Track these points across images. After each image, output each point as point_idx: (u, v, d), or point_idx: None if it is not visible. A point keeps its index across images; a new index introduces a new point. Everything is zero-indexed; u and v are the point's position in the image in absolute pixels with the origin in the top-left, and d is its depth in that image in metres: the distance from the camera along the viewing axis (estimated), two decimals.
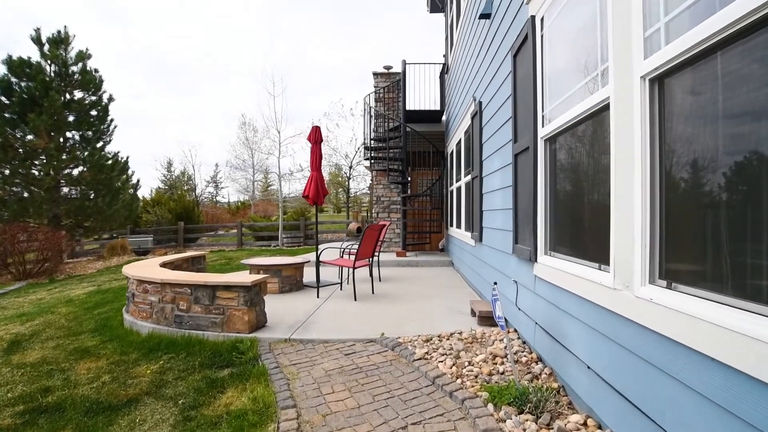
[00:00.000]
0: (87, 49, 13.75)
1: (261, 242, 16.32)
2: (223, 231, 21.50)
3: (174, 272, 4.52)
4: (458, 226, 7.36)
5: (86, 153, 13.45)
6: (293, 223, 16.51)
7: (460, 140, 7.15)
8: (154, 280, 4.22)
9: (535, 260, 2.86)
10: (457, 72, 7.42)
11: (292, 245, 15.20)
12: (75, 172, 13.51)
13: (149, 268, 4.93)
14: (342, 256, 6.31)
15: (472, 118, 5.55)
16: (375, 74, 10.30)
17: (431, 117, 9.91)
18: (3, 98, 12.46)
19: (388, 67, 10.29)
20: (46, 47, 13.09)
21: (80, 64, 13.57)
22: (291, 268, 5.94)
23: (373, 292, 5.73)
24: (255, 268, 5.93)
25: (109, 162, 14.12)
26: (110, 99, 14.40)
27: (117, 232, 16.35)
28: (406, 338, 3.62)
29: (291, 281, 5.95)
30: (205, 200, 34.20)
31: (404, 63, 9.28)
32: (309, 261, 6.36)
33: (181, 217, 18.28)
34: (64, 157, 13.18)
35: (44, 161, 12.64)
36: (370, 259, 5.67)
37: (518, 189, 3.29)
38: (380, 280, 6.74)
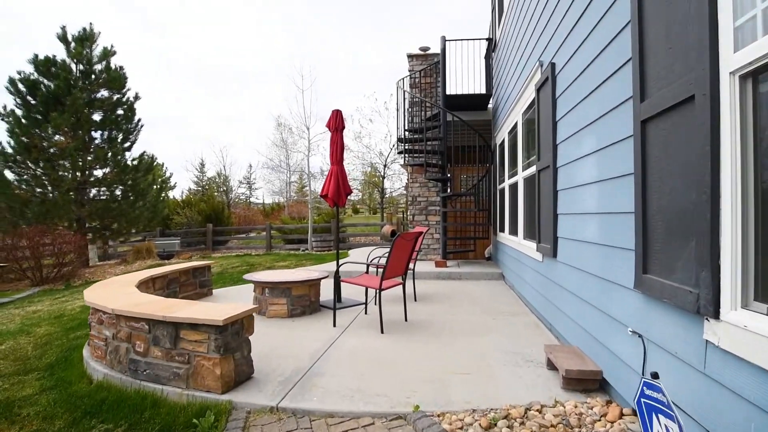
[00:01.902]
0: (112, 46, 13.26)
1: (290, 245, 15.40)
2: (255, 233, 20.85)
3: (137, 297, 3.41)
4: (512, 232, 5.94)
5: (110, 153, 12.93)
6: (324, 226, 15.48)
7: (515, 125, 5.72)
8: (106, 309, 3.12)
9: (714, 315, 1.48)
10: (511, 42, 6.00)
11: (322, 249, 14.15)
12: (99, 172, 13.04)
13: (115, 288, 3.86)
14: (368, 271, 5.06)
15: (538, 90, 4.15)
16: (410, 56, 9.00)
17: (475, 103, 8.49)
18: (29, 97, 12.13)
19: (424, 49, 8.96)
20: (72, 45, 12.68)
21: (104, 62, 13.10)
22: (303, 286, 4.74)
23: (406, 319, 4.43)
24: (259, 286, 4.78)
25: (134, 162, 13.59)
26: (136, 97, 13.88)
27: (146, 234, 15.92)
28: (454, 418, 2.31)
29: (303, 302, 4.76)
30: (239, 201, 34.05)
31: (443, 40, 7.93)
32: (328, 275, 5.15)
33: (210, 219, 17.70)
34: (89, 158, 12.74)
35: (69, 162, 12.19)
36: (403, 276, 4.38)
37: (650, 179, 1.90)
38: (416, 300, 5.43)
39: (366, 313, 4.79)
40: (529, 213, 4.92)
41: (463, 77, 8.39)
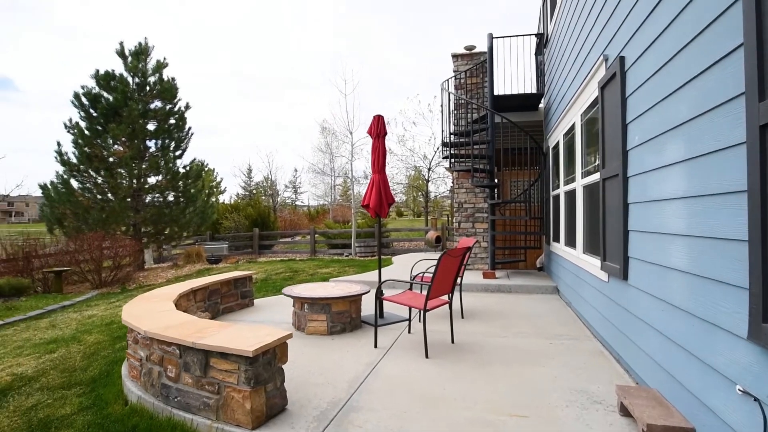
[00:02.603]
0: (164, 58, 13.81)
1: (334, 250, 15.37)
2: (300, 237, 21.11)
3: (171, 316, 3.29)
4: (569, 243, 5.42)
5: (162, 161, 13.44)
6: (367, 231, 15.35)
7: (572, 126, 5.22)
8: (139, 330, 3.02)
9: None
10: (565, 37, 5.50)
11: (365, 255, 14.00)
12: (153, 179, 13.59)
13: (153, 304, 3.79)
14: (411, 287, 4.76)
15: (602, 88, 3.68)
16: (454, 56, 8.60)
17: (525, 103, 7.97)
18: (91, 110, 12.84)
19: (470, 48, 8.54)
20: (129, 59, 13.31)
21: (158, 74, 13.65)
22: (344, 302, 4.51)
23: (452, 341, 4.09)
24: (298, 301, 4.60)
25: (185, 169, 14.06)
26: (187, 107, 14.37)
27: (197, 237, 16.48)
28: None
29: (343, 319, 4.52)
30: (285, 205, 34.78)
31: (490, 37, 7.49)
32: (369, 290, 4.89)
33: (257, 224, 18.08)
34: (143, 166, 13.30)
35: (125, 170, 12.78)
36: (449, 293, 4.04)
37: None
38: (463, 317, 5.05)
39: (410, 332, 4.49)
40: (590, 225, 4.42)
41: (512, 76, 7.91)
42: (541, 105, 8.16)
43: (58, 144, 12.27)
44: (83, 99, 12.62)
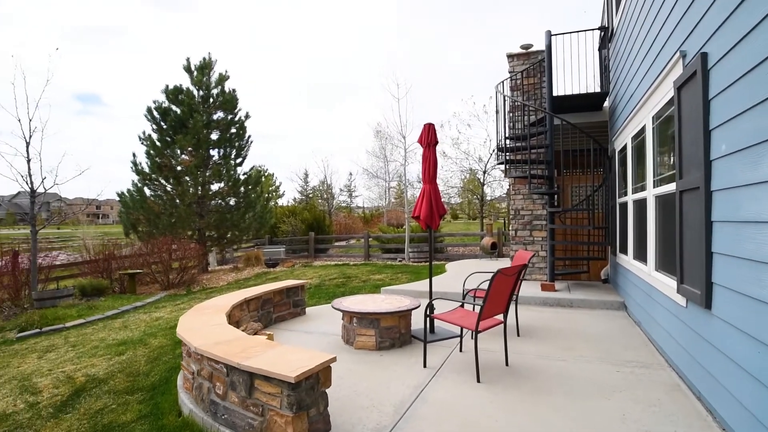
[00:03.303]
0: (226, 71, 14.52)
1: (388, 255, 15.35)
2: (354, 241, 21.34)
3: (221, 331, 3.34)
4: (639, 257, 4.94)
5: (224, 169, 14.12)
6: (421, 236, 15.16)
7: (642, 129, 4.76)
8: (191, 345, 3.09)
9: None
10: (633, 30, 5.03)
11: (418, 260, 13.85)
12: (215, 186, 14.31)
13: (208, 316, 3.89)
14: (464, 301, 4.54)
15: (679, 88, 3.28)
16: (510, 56, 8.23)
17: (587, 103, 7.43)
18: (161, 123, 13.77)
19: (526, 46, 8.13)
20: (194, 74, 14.12)
21: (220, 87, 14.36)
22: (393, 318, 4.40)
23: (507, 363, 3.84)
24: (347, 315, 4.56)
25: (245, 176, 14.67)
26: (246, 116, 15.00)
27: (257, 241, 17.15)
28: None
29: (392, 334, 4.41)
30: (340, 208, 35.39)
31: (549, 35, 7.06)
32: (419, 305, 4.74)
33: (312, 228, 18.50)
34: (207, 173, 14.05)
35: (191, 178, 13.56)
36: (504, 312, 3.80)
37: None
38: (518, 334, 4.76)
39: (461, 350, 4.29)
40: (663, 240, 3.98)
41: (572, 75, 7.41)
42: (606, 104, 7.58)
43: (134, 155, 13.28)
44: (155, 113, 13.56)
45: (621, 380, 3.41)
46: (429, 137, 5.00)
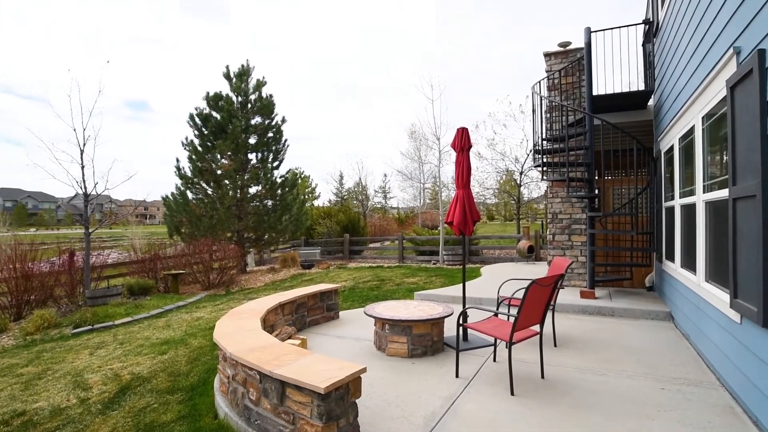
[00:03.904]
0: (263, 77, 14.90)
1: (422, 257, 15.28)
2: (388, 242, 21.36)
3: (255, 337, 3.42)
4: (687, 266, 4.66)
5: (262, 172, 14.49)
6: (456, 238, 14.98)
7: (690, 130, 4.49)
8: (226, 351, 3.17)
9: None
10: (681, 23, 4.75)
11: (453, 263, 13.70)
12: (253, 189, 14.72)
13: (243, 321, 3.99)
14: (497, 312, 4.44)
15: (732, 87, 3.06)
16: (547, 55, 7.98)
17: (630, 102, 7.08)
18: (203, 129, 14.30)
19: (564, 44, 7.86)
20: (233, 81, 14.58)
21: (257, 92, 14.75)
22: (425, 325, 4.36)
23: (542, 376, 3.71)
24: (379, 321, 4.56)
25: (281, 179, 15.00)
26: (283, 120, 15.33)
27: (294, 242, 17.50)
28: None
29: (425, 342, 4.37)
30: (375, 209, 35.55)
31: (588, 31, 6.79)
32: (452, 312, 4.67)
33: (347, 229, 18.67)
34: (246, 177, 14.47)
35: (230, 181, 14.00)
36: (540, 323, 3.68)
37: None
38: (555, 345, 4.60)
39: (495, 359, 4.19)
40: (714, 249, 3.73)
41: (614, 73, 7.09)
42: (651, 102, 7.21)
43: (177, 160, 13.85)
44: (196, 119, 14.10)
45: (667, 399, 3.22)
46: (462, 141, 4.92)
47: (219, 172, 14.09)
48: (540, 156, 7.06)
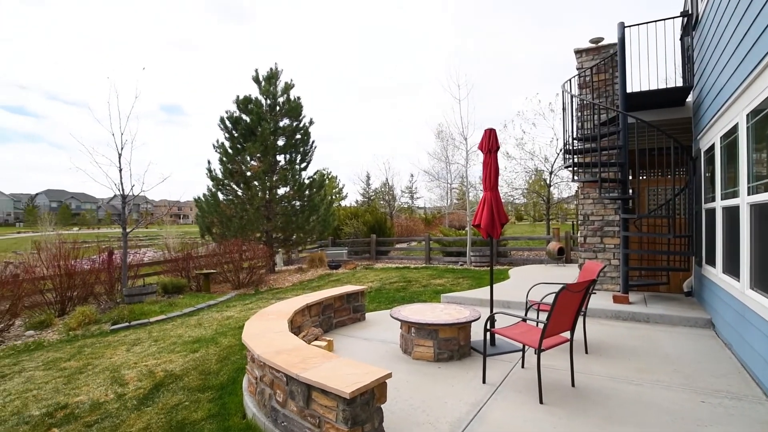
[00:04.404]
0: (291, 80, 15.12)
1: (449, 258, 15.17)
2: (415, 243, 21.30)
3: (283, 339, 3.46)
4: (729, 271, 4.43)
5: (290, 173, 14.71)
6: (484, 239, 14.80)
7: (734, 128, 4.26)
8: (254, 352, 3.23)
9: None
10: (723, 14, 4.51)
11: (480, 264, 13.53)
12: (281, 191, 14.96)
13: (271, 322, 4.06)
14: (525, 318, 4.35)
15: None
16: (578, 52, 7.75)
17: (667, 99, 6.79)
18: (233, 131, 14.65)
19: (596, 40, 7.61)
20: (262, 84, 14.87)
21: (285, 95, 14.99)
22: (451, 329, 4.32)
23: (573, 384, 3.61)
24: (405, 324, 4.54)
25: (309, 180, 15.19)
26: (310, 122, 15.51)
27: (321, 242, 17.70)
28: None
29: (451, 346, 4.33)
30: (401, 209, 35.52)
31: (622, 26, 6.55)
32: (479, 317, 4.60)
33: (374, 230, 18.74)
34: (274, 178, 14.73)
35: (259, 183, 14.29)
36: (570, 330, 3.58)
37: None
38: (586, 351, 4.46)
39: (523, 366, 4.10)
40: (760, 256, 3.53)
41: (650, 69, 6.82)
42: (690, 98, 6.90)
43: (208, 162, 14.24)
44: (227, 122, 14.45)
45: (707, 413, 3.07)
46: (490, 143, 4.85)
47: (248, 173, 14.39)
48: (570, 156, 6.87)
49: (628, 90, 6.57)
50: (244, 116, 14.54)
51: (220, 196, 14.35)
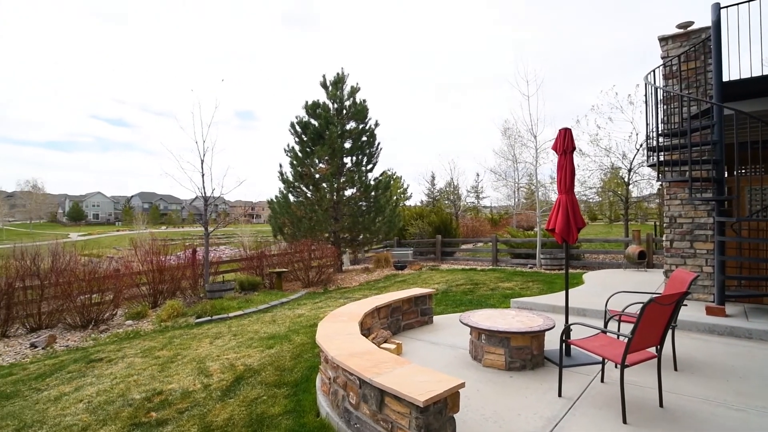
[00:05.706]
0: (357, 83, 15.46)
1: (517, 260, 14.66)
2: (482, 244, 20.85)
3: (354, 342, 3.55)
4: None
5: (356, 175, 15.05)
6: (555, 241, 14.13)
7: None
8: (328, 354, 3.35)
9: None
10: None
11: (551, 267, 12.93)
12: (348, 192, 15.35)
13: (342, 324, 4.18)
14: (605, 328, 4.10)
15: None
16: (662, 39, 7.12)
17: None
18: (302, 135, 15.27)
19: (684, 25, 6.95)
20: (329, 89, 15.35)
21: (352, 99, 15.34)
22: (524, 338, 4.18)
23: (661, 404, 3.33)
24: (475, 331, 4.47)
25: (375, 181, 15.43)
26: (376, 124, 15.76)
27: (387, 242, 17.94)
28: None
29: (523, 355, 4.19)
30: (467, 208, 34.90)
31: (717, 8, 5.91)
32: (554, 325, 4.40)
33: (439, 230, 18.63)
34: (342, 180, 15.15)
35: (327, 185, 14.77)
36: (659, 346, 3.31)
37: None
38: (675, 368, 4.10)
39: (602, 380, 3.87)
40: None
41: (751, 55, 6.10)
42: None
43: (280, 165, 14.98)
44: (296, 127, 15.10)
45: None
46: (565, 143, 4.61)
47: (317, 176, 14.93)
48: (655, 153, 6.34)
49: (725, 78, 5.93)
50: (312, 121, 15.10)
51: (291, 198, 15.02)
